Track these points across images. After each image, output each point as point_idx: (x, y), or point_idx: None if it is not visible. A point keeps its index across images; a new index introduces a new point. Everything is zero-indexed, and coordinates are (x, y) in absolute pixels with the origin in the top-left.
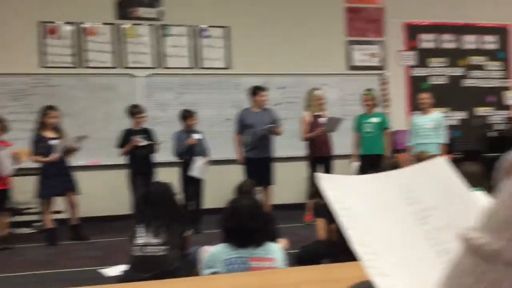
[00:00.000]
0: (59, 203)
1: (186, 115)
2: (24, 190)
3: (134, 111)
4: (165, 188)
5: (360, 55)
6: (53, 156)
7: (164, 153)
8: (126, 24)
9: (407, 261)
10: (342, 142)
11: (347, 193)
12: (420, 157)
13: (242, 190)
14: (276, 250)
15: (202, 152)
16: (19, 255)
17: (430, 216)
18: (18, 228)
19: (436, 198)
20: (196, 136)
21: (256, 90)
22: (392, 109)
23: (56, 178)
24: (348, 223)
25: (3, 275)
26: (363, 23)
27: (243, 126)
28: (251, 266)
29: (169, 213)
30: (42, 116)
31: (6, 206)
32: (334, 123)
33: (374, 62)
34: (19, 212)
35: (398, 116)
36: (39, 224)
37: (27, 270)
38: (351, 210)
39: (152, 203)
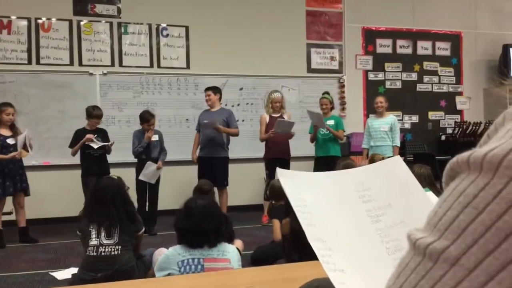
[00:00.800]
0: (7, 204)
1: (145, 117)
2: None
3: (93, 114)
4: (115, 183)
5: (319, 58)
6: (13, 154)
7: (120, 153)
8: (83, 21)
9: (361, 258)
10: (300, 144)
11: (304, 190)
12: (374, 159)
13: (199, 190)
14: (231, 251)
15: (159, 153)
16: None
17: (383, 214)
18: None
19: (390, 196)
20: (154, 138)
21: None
22: (348, 112)
23: (10, 178)
24: (304, 219)
25: None
26: (323, 26)
27: (199, 124)
28: (206, 267)
29: (120, 211)
30: None
31: None
32: (285, 126)
33: (333, 65)
34: None
35: (354, 119)
36: None
37: None
38: (308, 207)
39: (101, 199)
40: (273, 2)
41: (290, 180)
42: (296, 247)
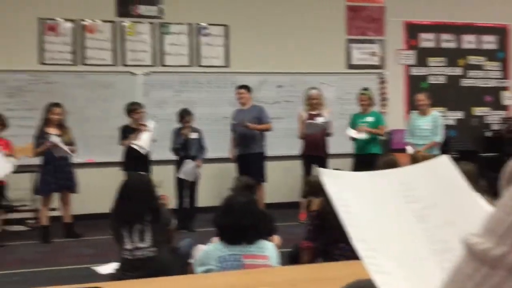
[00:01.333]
0: (53, 200)
1: (182, 114)
2: (19, 187)
3: (131, 108)
4: (143, 180)
5: (360, 54)
6: (49, 144)
7: (161, 151)
8: (126, 22)
9: (406, 259)
10: (339, 141)
11: (347, 189)
12: (416, 157)
13: (239, 187)
14: (270, 247)
15: (198, 151)
16: (12, 253)
17: (430, 215)
18: (11, 226)
19: (437, 196)
20: (193, 135)
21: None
22: (390, 108)
23: (57, 175)
24: (348, 219)
25: None
26: (364, 21)
27: (232, 124)
28: (245, 263)
29: (149, 208)
30: (46, 113)
31: (1, 203)
32: (313, 127)
33: (374, 61)
34: (13, 209)
35: (395, 115)
36: (32, 221)
37: (20, 268)
38: (351, 207)
39: (130, 197)
40: None
41: (332, 179)
42: (322, 230)
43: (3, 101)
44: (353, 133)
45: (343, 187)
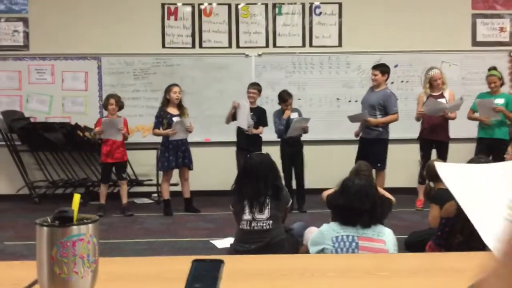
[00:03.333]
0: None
1: (283, 97)
2: (145, 163)
3: (247, 87)
4: (265, 159)
5: (486, 30)
6: (170, 131)
7: (269, 131)
8: (241, 4)
9: None
10: (460, 124)
11: (467, 183)
12: None
13: (358, 171)
14: (387, 233)
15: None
16: (139, 223)
17: None
18: (138, 198)
19: None
20: (293, 117)
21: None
22: None
23: (175, 153)
24: (471, 213)
25: (125, 240)
26: None
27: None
28: (360, 245)
29: (270, 186)
30: (166, 93)
31: (125, 177)
32: (434, 104)
33: (502, 37)
34: (140, 183)
35: None
36: (155, 195)
37: (145, 237)
38: (472, 200)
39: (253, 175)
40: None
41: (450, 172)
42: (452, 237)
43: (130, 83)
44: None
45: (461, 180)
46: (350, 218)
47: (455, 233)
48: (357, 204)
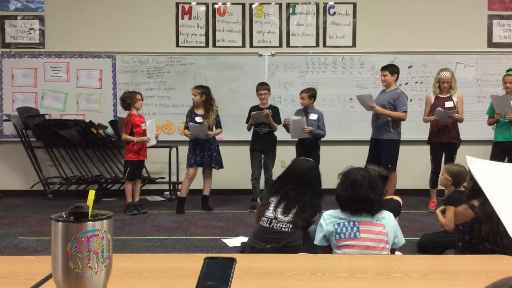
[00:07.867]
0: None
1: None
2: (157, 161)
3: (256, 88)
4: (312, 167)
5: (503, 31)
6: (189, 134)
7: (280, 131)
8: (255, 4)
9: None
10: (475, 126)
11: (498, 180)
12: None
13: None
14: (386, 216)
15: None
16: (151, 221)
17: None
18: (151, 196)
19: None
20: (311, 117)
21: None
22: None
23: (200, 151)
24: (502, 211)
25: (137, 237)
26: None
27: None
28: (361, 229)
29: (305, 193)
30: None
31: (142, 176)
32: (443, 115)
33: None
34: (152, 181)
35: None
36: (167, 193)
37: (157, 234)
38: (503, 199)
39: (292, 178)
40: None
41: (483, 169)
42: (483, 238)
43: (143, 81)
44: None
45: (494, 177)
46: (352, 207)
47: (482, 240)
48: (360, 195)
